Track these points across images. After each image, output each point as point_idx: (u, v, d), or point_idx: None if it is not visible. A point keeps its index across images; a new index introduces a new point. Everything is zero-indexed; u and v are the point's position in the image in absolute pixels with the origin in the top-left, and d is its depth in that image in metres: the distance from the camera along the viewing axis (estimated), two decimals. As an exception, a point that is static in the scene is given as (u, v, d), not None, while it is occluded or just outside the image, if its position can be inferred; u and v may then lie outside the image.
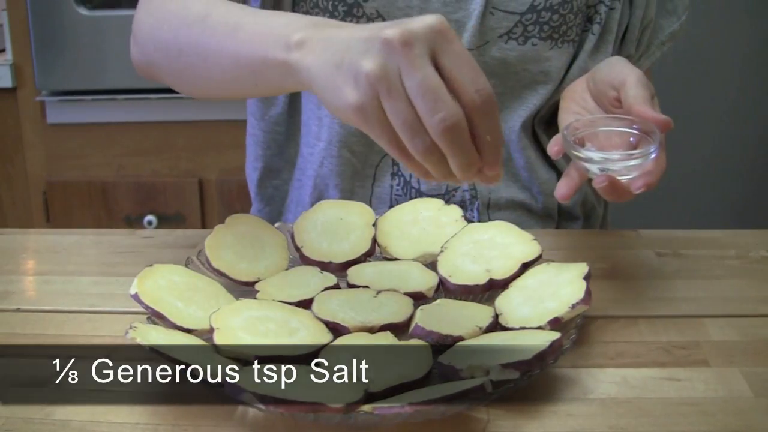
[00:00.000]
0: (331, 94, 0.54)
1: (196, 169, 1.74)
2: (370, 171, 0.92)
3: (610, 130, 0.69)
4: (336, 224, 0.78)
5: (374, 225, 0.78)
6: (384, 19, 0.86)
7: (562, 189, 0.68)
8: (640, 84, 0.69)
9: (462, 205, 0.91)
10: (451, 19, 0.87)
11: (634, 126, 0.68)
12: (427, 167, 0.53)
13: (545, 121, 0.94)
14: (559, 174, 0.94)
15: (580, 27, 0.90)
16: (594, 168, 0.66)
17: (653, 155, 0.65)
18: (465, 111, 0.52)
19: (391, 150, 0.54)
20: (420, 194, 0.91)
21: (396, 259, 0.76)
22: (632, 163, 0.65)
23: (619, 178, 0.65)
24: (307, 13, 0.89)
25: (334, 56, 0.54)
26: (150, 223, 1.75)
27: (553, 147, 0.71)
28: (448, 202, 0.91)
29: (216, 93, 0.75)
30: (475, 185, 0.91)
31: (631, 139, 0.68)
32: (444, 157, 0.52)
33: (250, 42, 0.61)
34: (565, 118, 0.77)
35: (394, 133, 0.52)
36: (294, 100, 0.95)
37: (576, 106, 0.78)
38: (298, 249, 0.76)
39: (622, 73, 0.71)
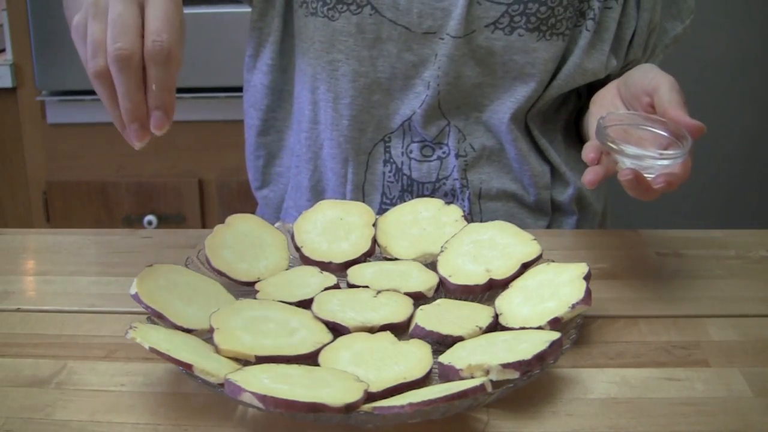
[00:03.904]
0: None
1: (196, 169, 1.74)
2: (362, 158, 0.94)
3: (644, 129, 0.70)
4: (336, 224, 0.78)
5: (374, 225, 0.78)
6: (373, 7, 0.88)
7: (589, 176, 0.69)
8: (674, 89, 0.71)
9: (453, 193, 0.92)
10: (438, 7, 0.88)
11: (668, 128, 0.69)
12: (98, 92, 0.59)
13: (541, 118, 0.95)
14: (552, 168, 0.95)
15: (571, 21, 0.90)
16: (625, 161, 0.67)
17: (680, 159, 0.66)
18: (143, 54, 0.57)
19: (85, 66, 0.59)
20: (411, 181, 0.92)
21: (396, 259, 0.76)
22: (662, 162, 0.66)
23: (645, 175, 0.66)
24: (303, 1, 0.91)
25: None
26: (150, 223, 1.75)
27: (589, 154, 0.71)
28: (439, 189, 0.92)
29: None
30: (466, 174, 0.92)
31: (662, 141, 0.69)
32: (114, 90, 0.58)
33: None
34: (593, 123, 0.77)
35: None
36: (285, 89, 0.98)
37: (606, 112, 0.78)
38: (298, 249, 0.76)
39: (655, 79, 0.73)
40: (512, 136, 0.91)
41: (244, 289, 0.71)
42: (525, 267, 0.69)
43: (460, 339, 0.62)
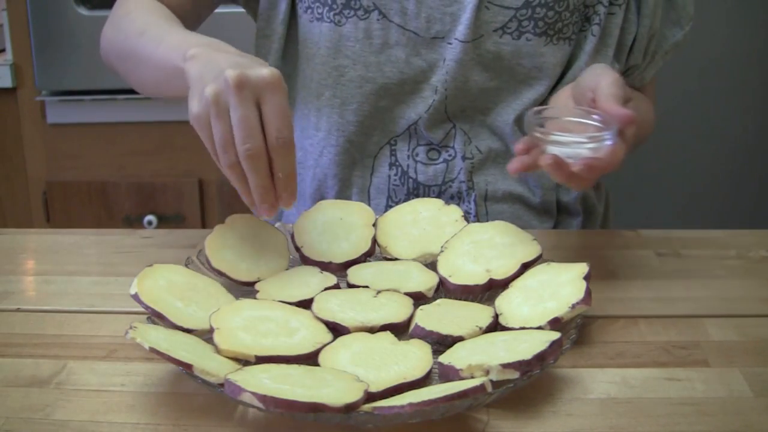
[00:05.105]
0: (189, 98, 0.69)
1: (196, 169, 1.74)
2: (368, 161, 0.94)
3: (571, 119, 0.71)
4: (336, 224, 0.78)
5: (374, 225, 0.78)
6: (381, 12, 0.88)
7: (514, 164, 0.71)
8: (615, 84, 0.71)
9: (459, 196, 0.92)
10: (446, 12, 0.88)
11: (594, 116, 0.69)
12: (231, 180, 0.68)
13: None
14: None
15: (576, 26, 0.90)
16: (551, 149, 0.68)
17: (601, 144, 0.67)
18: (267, 148, 0.66)
19: (213, 156, 0.68)
20: (417, 184, 0.92)
21: (396, 259, 0.76)
22: (586, 147, 0.67)
23: (568, 160, 0.67)
24: (308, 7, 0.91)
25: (201, 72, 0.69)
26: (150, 223, 1.75)
27: (518, 145, 0.72)
28: (445, 192, 0.92)
29: (150, 91, 0.92)
30: (472, 177, 0.92)
31: (589, 129, 0.69)
32: (245, 176, 0.67)
33: (167, 52, 0.78)
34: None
35: (214, 145, 0.67)
36: (288, 95, 0.97)
37: None
38: (298, 249, 0.76)
39: (599, 76, 0.73)
40: (516, 137, 0.91)
41: (244, 289, 0.71)
42: (525, 267, 0.69)
43: (460, 339, 0.62)
